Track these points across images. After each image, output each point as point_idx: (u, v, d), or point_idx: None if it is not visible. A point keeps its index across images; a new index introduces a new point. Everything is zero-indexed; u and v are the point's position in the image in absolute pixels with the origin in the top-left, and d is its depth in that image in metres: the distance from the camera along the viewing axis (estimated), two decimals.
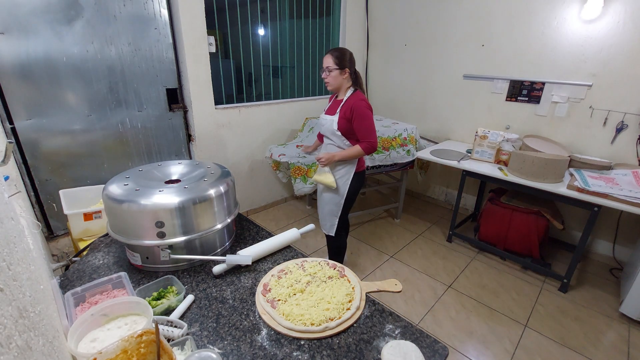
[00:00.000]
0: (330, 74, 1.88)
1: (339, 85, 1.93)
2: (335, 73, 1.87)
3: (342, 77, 1.89)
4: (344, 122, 1.88)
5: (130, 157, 2.45)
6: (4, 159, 0.92)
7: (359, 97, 1.89)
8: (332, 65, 1.85)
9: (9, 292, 0.46)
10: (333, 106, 1.99)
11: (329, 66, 1.86)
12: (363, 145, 1.88)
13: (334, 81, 1.90)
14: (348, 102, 1.89)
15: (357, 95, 1.90)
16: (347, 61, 1.87)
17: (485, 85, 3.01)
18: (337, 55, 1.85)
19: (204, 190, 1.14)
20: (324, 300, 0.99)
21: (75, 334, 0.79)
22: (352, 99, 1.89)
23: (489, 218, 2.69)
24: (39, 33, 1.90)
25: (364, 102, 1.87)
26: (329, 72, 1.87)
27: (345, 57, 1.86)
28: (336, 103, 1.98)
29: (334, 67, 1.86)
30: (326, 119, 1.98)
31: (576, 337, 1.97)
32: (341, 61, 1.85)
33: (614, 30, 2.29)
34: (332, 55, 1.85)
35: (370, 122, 1.88)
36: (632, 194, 1.95)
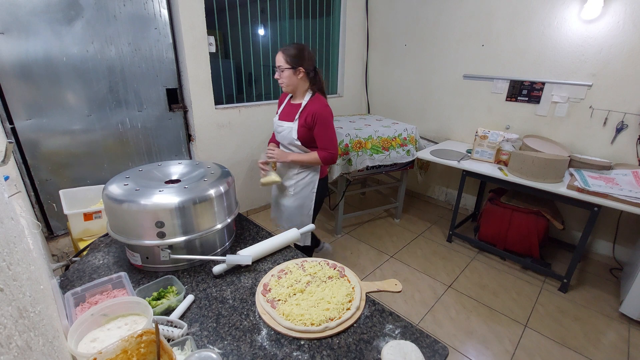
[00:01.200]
0: (282, 73, 1.68)
1: (294, 86, 1.73)
2: (288, 73, 1.67)
3: (297, 78, 1.70)
4: (305, 130, 1.72)
5: (130, 157, 2.45)
6: (4, 159, 0.92)
7: (322, 103, 1.72)
8: (283, 64, 1.66)
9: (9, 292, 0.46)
10: (288, 110, 1.80)
11: (281, 65, 1.67)
12: (322, 153, 1.72)
13: (289, 81, 1.70)
14: (308, 107, 1.71)
15: (318, 100, 1.73)
16: (302, 59, 1.67)
17: (485, 85, 3.01)
18: (290, 53, 1.65)
19: (204, 190, 1.14)
20: (324, 300, 0.99)
21: (75, 334, 0.79)
22: (313, 104, 1.71)
23: (489, 218, 2.69)
24: (39, 33, 1.90)
25: (328, 109, 1.72)
26: (281, 71, 1.68)
27: (300, 54, 1.66)
28: (292, 107, 1.79)
29: (286, 67, 1.66)
30: (283, 126, 1.78)
31: (576, 337, 1.97)
32: (294, 59, 1.65)
33: (614, 30, 2.29)
34: (284, 53, 1.66)
35: (332, 131, 1.74)
36: (632, 194, 1.95)
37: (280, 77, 1.71)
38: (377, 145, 2.76)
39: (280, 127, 1.80)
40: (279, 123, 1.82)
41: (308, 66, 1.70)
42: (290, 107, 1.80)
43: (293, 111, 1.77)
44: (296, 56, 1.66)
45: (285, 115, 1.81)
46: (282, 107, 1.86)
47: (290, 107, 1.81)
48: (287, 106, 1.83)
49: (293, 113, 1.77)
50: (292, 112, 1.78)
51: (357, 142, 2.67)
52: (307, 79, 1.73)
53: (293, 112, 1.77)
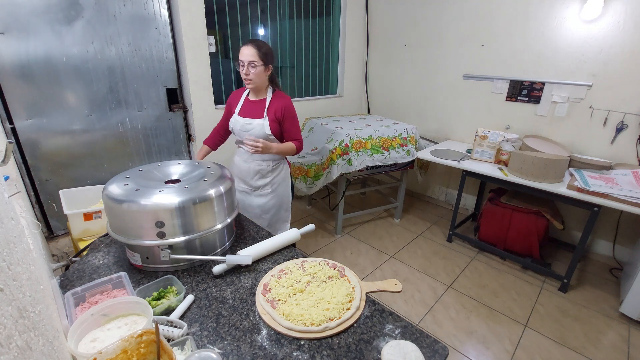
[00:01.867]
0: (254, 69, 1.61)
1: (261, 84, 1.70)
2: (260, 69, 1.62)
3: (266, 75, 1.68)
4: (275, 125, 1.73)
5: (130, 157, 2.45)
6: (4, 159, 0.92)
7: (287, 97, 1.76)
8: (257, 60, 1.59)
9: (9, 292, 0.46)
10: (250, 107, 1.76)
11: (254, 61, 1.59)
12: (297, 144, 1.77)
13: (258, 78, 1.65)
14: (275, 103, 1.72)
15: (282, 95, 1.76)
16: (272, 56, 1.66)
17: (485, 85, 3.01)
18: (263, 50, 1.60)
19: (204, 190, 1.14)
20: (324, 300, 0.99)
21: (75, 334, 0.79)
22: (278, 99, 1.73)
23: (489, 218, 2.69)
24: (39, 33, 1.90)
25: (292, 102, 1.77)
26: (253, 67, 1.60)
27: (270, 51, 1.64)
28: (254, 104, 1.76)
29: (260, 63, 1.61)
30: (252, 123, 1.73)
31: (576, 337, 1.97)
32: (267, 56, 1.62)
33: (614, 30, 2.29)
34: (256, 47, 1.58)
35: (298, 122, 1.80)
36: (632, 194, 1.95)
37: (249, 73, 1.63)
38: (377, 145, 2.76)
39: (249, 124, 1.74)
40: (247, 121, 1.74)
41: (273, 63, 1.70)
42: (252, 104, 1.77)
43: (257, 108, 1.74)
44: (267, 53, 1.63)
45: (248, 112, 1.76)
46: (240, 105, 1.79)
47: (251, 104, 1.77)
48: (246, 104, 1.78)
49: (258, 109, 1.74)
50: (255, 108, 1.75)
51: (357, 142, 2.67)
52: (268, 75, 1.72)
53: (257, 109, 1.74)
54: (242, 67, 1.64)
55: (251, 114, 1.75)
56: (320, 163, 2.62)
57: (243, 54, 1.61)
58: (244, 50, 1.60)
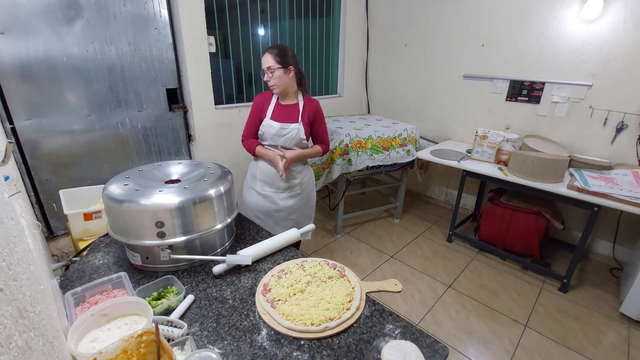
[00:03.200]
0: (273, 74, 1.67)
1: (285, 87, 1.73)
2: (279, 73, 1.67)
3: (288, 77, 1.71)
4: (307, 129, 1.79)
5: (130, 157, 2.45)
6: (4, 159, 0.92)
7: (316, 101, 1.84)
8: (273, 64, 1.65)
9: (9, 292, 0.46)
10: (283, 112, 1.79)
11: (271, 66, 1.65)
12: (323, 146, 1.86)
13: (280, 82, 1.70)
14: (308, 106, 1.79)
15: (312, 99, 1.83)
16: (291, 58, 1.68)
17: (485, 85, 3.01)
18: (277, 53, 1.65)
19: (204, 190, 1.14)
20: (324, 300, 0.99)
21: (75, 334, 0.79)
22: (310, 103, 1.80)
23: (489, 218, 2.69)
24: (39, 33, 1.90)
25: (320, 105, 1.84)
26: (272, 72, 1.67)
27: (287, 54, 1.67)
28: (287, 108, 1.79)
29: (277, 66, 1.65)
30: (289, 127, 1.76)
31: (576, 337, 1.97)
32: (283, 59, 1.66)
33: (614, 30, 2.29)
34: (272, 53, 1.65)
35: (326, 125, 1.89)
36: (632, 194, 1.95)
37: (270, 79, 1.69)
38: (377, 145, 2.76)
39: (285, 129, 1.76)
40: (285, 126, 1.76)
41: (295, 65, 1.72)
42: (285, 109, 1.79)
43: (291, 112, 1.77)
44: (284, 55, 1.66)
45: (281, 117, 1.77)
46: (271, 109, 1.80)
47: (283, 108, 1.79)
48: (279, 108, 1.80)
49: (292, 114, 1.77)
50: (289, 113, 1.77)
51: (357, 142, 2.67)
52: (295, 78, 1.75)
53: (291, 113, 1.77)
54: (265, 76, 1.71)
55: (286, 119, 1.77)
56: (320, 163, 2.62)
57: (263, 61, 1.68)
58: (262, 59, 1.68)
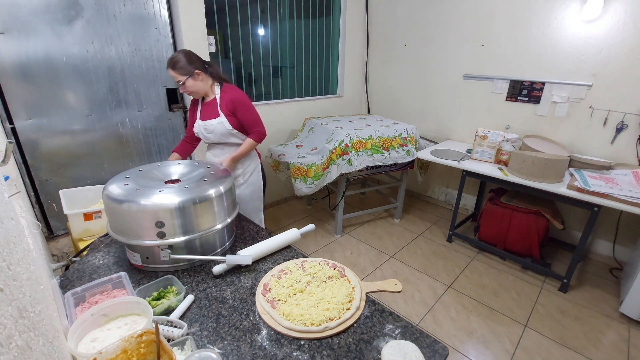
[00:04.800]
0: (185, 86, 1.70)
1: (203, 88, 1.76)
2: (189, 82, 1.69)
3: (199, 81, 1.72)
4: (232, 119, 1.79)
5: (130, 157, 2.45)
6: (4, 159, 0.92)
7: (234, 89, 1.80)
8: (180, 77, 1.67)
9: (9, 292, 0.46)
10: (206, 110, 1.83)
11: (179, 80, 1.68)
12: (253, 136, 1.83)
13: (195, 88, 1.73)
14: (224, 97, 1.78)
15: (230, 88, 1.80)
16: (192, 62, 1.68)
17: (485, 85, 3.01)
18: (176, 66, 1.65)
19: (204, 190, 1.14)
20: (324, 300, 0.99)
21: (75, 334, 0.79)
22: (226, 93, 1.79)
23: (489, 218, 2.69)
24: (39, 33, 1.90)
25: (242, 92, 1.81)
26: (183, 84, 1.69)
27: (185, 61, 1.66)
28: (208, 105, 1.83)
29: (184, 78, 1.67)
30: (213, 123, 1.79)
31: (576, 337, 1.97)
32: (185, 68, 1.66)
33: (614, 30, 2.29)
34: (173, 68, 1.66)
35: (254, 110, 1.83)
36: (632, 194, 1.95)
37: (185, 89, 1.72)
38: (377, 145, 2.76)
39: (210, 125, 1.80)
40: (207, 123, 1.80)
41: (199, 66, 1.71)
42: (207, 106, 1.83)
43: (212, 108, 1.81)
44: (183, 64, 1.66)
45: (206, 115, 1.82)
46: (199, 111, 1.86)
47: (206, 106, 1.84)
48: (203, 107, 1.85)
49: (212, 110, 1.81)
50: (211, 109, 1.81)
51: (357, 142, 2.67)
52: (206, 76, 1.75)
53: (212, 109, 1.81)
54: (180, 88, 1.72)
55: (208, 116, 1.82)
56: (320, 163, 2.62)
57: (171, 76, 1.69)
58: (170, 74, 1.69)
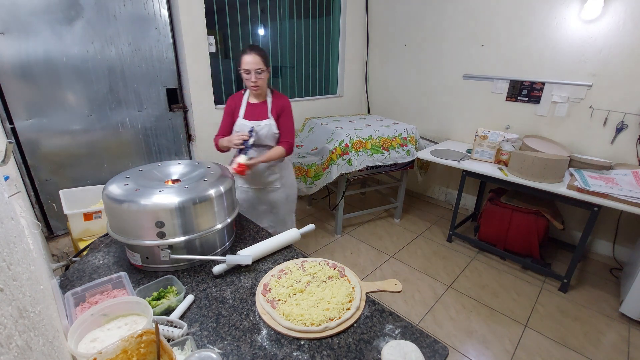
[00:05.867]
0: (261, 75, 1.67)
1: (265, 86, 1.79)
2: (265, 75, 1.69)
3: (267, 77, 1.75)
4: (277, 123, 1.82)
5: (130, 157, 2.45)
6: (4, 159, 0.92)
7: (284, 96, 1.85)
8: (263, 66, 1.66)
9: (9, 292, 0.46)
10: (254, 110, 1.82)
11: (260, 67, 1.65)
12: (284, 145, 1.82)
13: (264, 82, 1.73)
14: (276, 102, 1.82)
15: (281, 95, 1.85)
16: (269, 61, 1.73)
17: (485, 85, 3.01)
18: (263, 54, 1.65)
19: (204, 190, 1.14)
20: (324, 300, 0.99)
21: (75, 334, 0.79)
22: (278, 99, 1.83)
23: (489, 218, 2.69)
24: (39, 33, 1.90)
25: (289, 101, 1.86)
26: (260, 73, 1.66)
27: (267, 54, 1.71)
28: (256, 106, 1.82)
29: (264, 68, 1.68)
30: (260, 124, 1.79)
31: (576, 337, 1.97)
32: (267, 59, 1.68)
33: (614, 30, 2.29)
34: (259, 54, 1.64)
35: (293, 121, 1.87)
36: (632, 194, 1.95)
37: (257, 81, 1.68)
38: (377, 145, 2.76)
39: (258, 126, 1.79)
40: (255, 123, 1.79)
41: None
42: (255, 107, 1.82)
43: (261, 109, 1.81)
44: (267, 56, 1.69)
45: (253, 115, 1.81)
46: (243, 109, 1.83)
47: (254, 107, 1.83)
48: (250, 108, 1.83)
49: (262, 111, 1.81)
50: (260, 110, 1.81)
51: (357, 142, 2.67)
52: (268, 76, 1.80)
53: (262, 110, 1.81)
54: (248, 75, 1.67)
55: (257, 116, 1.81)
56: (320, 163, 2.62)
57: (248, 62, 1.64)
58: (248, 59, 1.63)
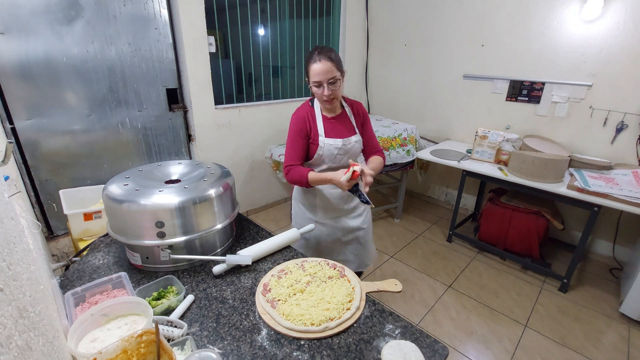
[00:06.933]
0: (334, 86, 1.33)
1: (340, 97, 1.46)
2: (339, 83, 1.35)
3: (342, 85, 1.42)
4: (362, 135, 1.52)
5: (130, 157, 2.45)
6: (4, 159, 0.92)
7: (358, 102, 1.55)
8: (336, 73, 1.31)
9: (9, 292, 0.46)
10: (336, 126, 1.46)
11: (334, 76, 1.31)
12: (381, 154, 1.51)
13: (339, 93, 1.39)
14: (356, 111, 1.51)
15: (353, 100, 1.54)
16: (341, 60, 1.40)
17: (485, 85, 3.01)
18: (334, 57, 1.32)
19: (204, 190, 1.14)
20: (324, 300, 0.99)
21: (75, 334, 0.79)
22: (354, 106, 1.52)
23: (489, 218, 2.69)
24: (39, 33, 1.90)
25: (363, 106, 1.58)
26: (334, 83, 1.32)
27: (338, 55, 1.37)
28: (338, 120, 1.47)
29: (339, 76, 1.33)
30: (351, 141, 1.46)
31: (576, 337, 1.97)
32: (340, 62, 1.36)
33: (614, 30, 2.29)
34: (330, 58, 1.30)
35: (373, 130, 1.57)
36: (632, 194, 1.95)
37: (330, 92, 1.33)
38: None
39: (349, 143, 1.45)
40: (346, 141, 1.44)
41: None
42: (336, 122, 1.47)
43: (343, 123, 1.47)
44: (340, 58, 1.36)
45: (338, 131, 1.45)
46: (321, 126, 1.44)
47: (334, 122, 1.47)
48: (329, 123, 1.46)
49: (346, 125, 1.47)
50: (343, 125, 1.47)
51: None
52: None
53: (345, 125, 1.47)
54: (319, 89, 1.33)
55: (342, 132, 1.46)
56: None
57: (317, 72, 1.30)
58: (317, 68, 1.29)
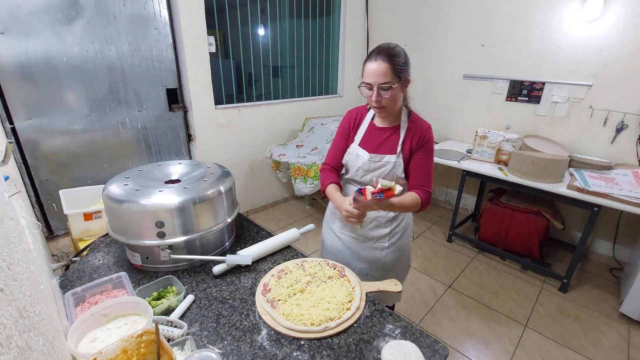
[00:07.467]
0: (387, 93, 1.11)
1: (397, 106, 1.21)
2: (395, 91, 1.11)
3: (403, 94, 1.20)
4: (408, 162, 1.25)
5: (130, 157, 2.45)
6: (4, 159, 0.92)
7: (423, 121, 1.26)
8: (390, 77, 1.09)
9: (9, 292, 0.46)
10: (378, 137, 1.27)
11: (387, 81, 1.08)
12: (423, 194, 1.20)
13: (393, 102, 1.15)
14: (412, 132, 1.23)
15: (420, 121, 1.26)
16: (408, 65, 1.14)
17: (485, 85, 3.01)
18: (394, 60, 1.08)
19: (204, 190, 1.14)
20: (324, 300, 0.99)
21: (75, 334, 0.79)
22: (417, 127, 1.23)
23: (489, 218, 2.69)
24: (39, 33, 1.90)
25: (432, 132, 1.25)
26: (386, 90, 1.10)
27: (404, 58, 1.13)
28: (385, 133, 1.26)
29: (396, 82, 1.10)
30: (382, 160, 1.24)
31: (576, 337, 1.97)
32: (401, 68, 1.11)
33: (614, 30, 2.29)
34: (388, 60, 1.08)
35: (433, 162, 1.27)
36: (632, 194, 1.95)
37: (381, 99, 1.12)
38: None
39: (377, 162, 1.24)
40: (373, 157, 1.24)
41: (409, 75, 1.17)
42: (380, 134, 1.27)
43: (388, 138, 1.26)
44: (404, 62, 1.12)
45: (375, 144, 1.26)
46: (362, 132, 1.29)
47: (378, 133, 1.27)
48: (371, 133, 1.27)
49: (389, 141, 1.25)
50: (385, 139, 1.26)
51: None
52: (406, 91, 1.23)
53: (388, 140, 1.26)
54: (369, 91, 1.14)
55: (379, 148, 1.26)
56: (320, 163, 2.62)
57: (371, 72, 1.11)
58: (372, 68, 1.10)
